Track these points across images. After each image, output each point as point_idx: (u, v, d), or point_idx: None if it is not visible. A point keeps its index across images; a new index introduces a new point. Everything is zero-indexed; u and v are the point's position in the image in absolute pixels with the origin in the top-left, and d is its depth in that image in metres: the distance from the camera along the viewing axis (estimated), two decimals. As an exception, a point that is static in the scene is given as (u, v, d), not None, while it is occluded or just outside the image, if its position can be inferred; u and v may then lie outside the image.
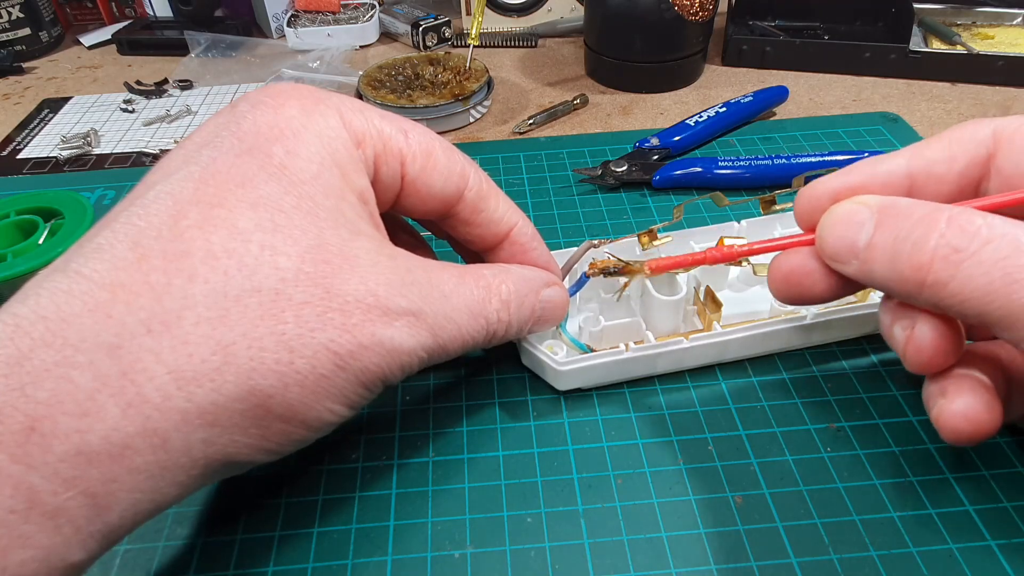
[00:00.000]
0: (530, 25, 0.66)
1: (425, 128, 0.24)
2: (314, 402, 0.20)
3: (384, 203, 0.24)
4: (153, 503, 0.18)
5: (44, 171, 0.48)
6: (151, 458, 0.17)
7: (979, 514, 0.25)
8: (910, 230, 0.20)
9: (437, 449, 0.28)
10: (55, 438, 0.16)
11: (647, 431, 0.28)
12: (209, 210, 0.19)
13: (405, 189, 0.24)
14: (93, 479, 0.17)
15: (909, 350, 0.22)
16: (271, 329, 0.19)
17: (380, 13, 0.67)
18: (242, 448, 0.19)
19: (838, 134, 0.47)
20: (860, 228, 0.21)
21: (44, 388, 0.16)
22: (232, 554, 0.25)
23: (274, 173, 0.20)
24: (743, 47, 0.58)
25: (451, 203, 0.25)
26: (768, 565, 0.23)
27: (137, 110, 0.56)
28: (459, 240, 0.27)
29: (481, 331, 0.24)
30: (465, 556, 0.24)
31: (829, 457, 0.27)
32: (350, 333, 0.20)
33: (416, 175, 0.24)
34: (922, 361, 0.22)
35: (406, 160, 0.23)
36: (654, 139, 0.46)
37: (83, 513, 0.17)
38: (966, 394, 0.22)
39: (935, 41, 0.57)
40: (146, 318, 0.17)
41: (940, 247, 0.19)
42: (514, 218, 0.27)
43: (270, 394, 0.19)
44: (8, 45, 0.63)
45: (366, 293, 0.20)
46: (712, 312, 0.30)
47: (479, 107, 0.53)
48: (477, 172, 0.25)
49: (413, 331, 0.21)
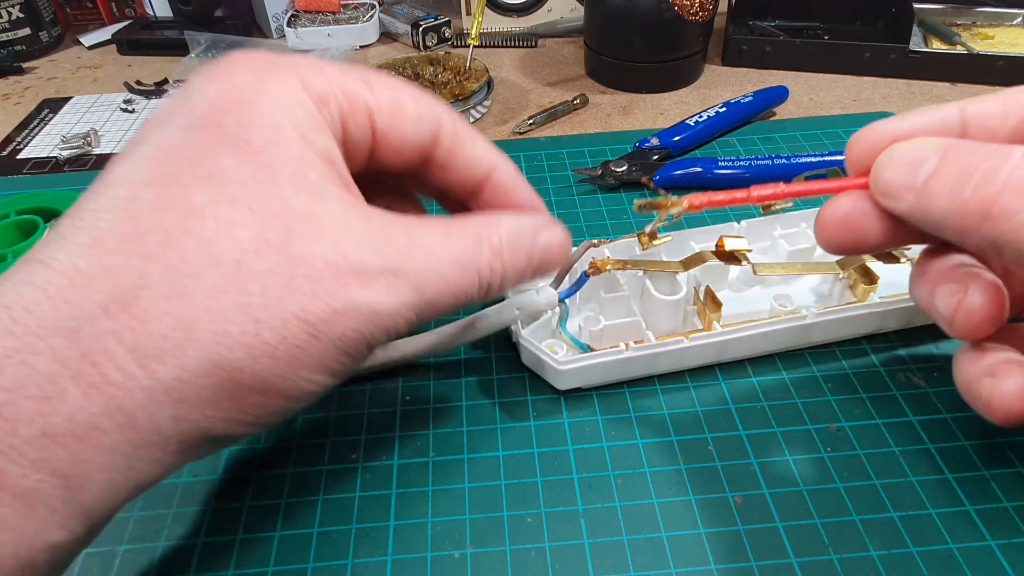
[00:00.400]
0: (530, 25, 0.66)
1: (390, 77, 0.23)
2: (289, 373, 0.19)
3: (358, 161, 0.23)
4: (131, 481, 0.18)
5: (44, 171, 0.48)
6: (120, 437, 0.17)
7: (979, 514, 0.25)
8: (980, 161, 0.20)
9: (437, 449, 0.28)
10: (19, 422, 0.16)
11: (647, 431, 0.28)
12: (163, 189, 0.19)
13: (377, 143, 0.23)
14: (62, 460, 0.17)
15: (959, 316, 0.22)
16: (235, 301, 0.18)
17: (380, 13, 0.67)
18: (217, 423, 0.19)
19: (838, 134, 0.47)
20: (922, 163, 0.21)
21: (5, 374, 0.16)
22: (232, 554, 0.25)
23: (227, 144, 0.20)
24: (743, 47, 0.58)
25: (427, 150, 0.24)
26: (768, 565, 0.23)
27: (137, 110, 0.56)
28: (441, 189, 0.26)
29: (473, 284, 0.23)
30: (465, 556, 0.24)
31: (829, 457, 0.27)
32: (321, 300, 0.19)
33: (387, 127, 0.23)
34: (971, 327, 0.22)
35: (374, 113, 0.22)
36: (654, 139, 0.46)
37: (56, 494, 0.17)
38: (1017, 373, 0.21)
39: (935, 41, 0.57)
40: (103, 300, 0.18)
41: (1014, 178, 0.19)
42: (493, 158, 0.25)
43: (239, 367, 0.18)
44: (8, 45, 0.63)
45: (335, 256, 0.20)
46: (712, 312, 0.30)
47: (479, 107, 0.53)
48: (450, 114, 0.24)
49: (393, 291, 0.20)
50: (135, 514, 0.26)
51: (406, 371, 0.31)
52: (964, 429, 0.28)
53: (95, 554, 0.25)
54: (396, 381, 0.31)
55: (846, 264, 0.30)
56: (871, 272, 0.30)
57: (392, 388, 0.30)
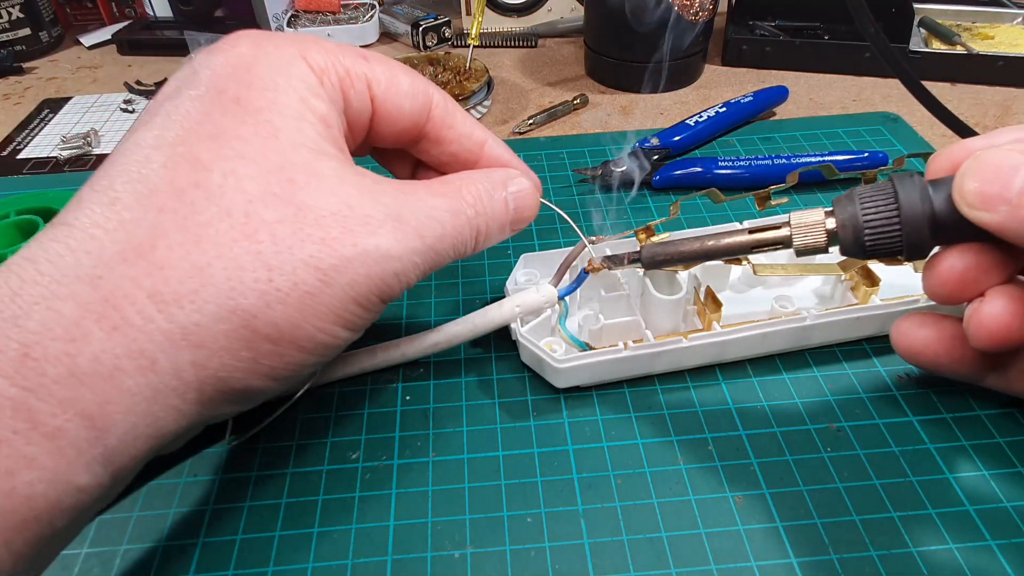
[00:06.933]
0: (530, 25, 0.66)
1: (382, 54, 0.25)
2: (302, 320, 0.20)
3: (359, 130, 0.25)
4: (152, 428, 0.19)
5: (44, 171, 0.48)
6: (141, 380, 0.18)
7: (979, 514, 0.25)
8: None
9: (437, 449, 0.28)
10: (47, 362, 0.17)
11: (647, 431, 0.28)
12: (172, 150, 0.20)
13: (376, 112, 0.24)
14: (88, 401, 0.17)
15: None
16: (246, 249, 0.19)
17: (380, 13, 0.67)
18: (235, 372, 0.20)
19: (838, 134, 0.47)
20: (1016, 170, 0.20)
21: (33, 319, 0.17)
22: (232, 554, 0.24)
23: (229, 106, 0.21)
24: (743, 47, 0.58)
25: (420, 122, 0.25)
26: (768, 565, 0.23)
27: (137, 110, 0.56)
28: (435, 166, 0.28)
29: (465, 229, 0.24)
30: (465, 556, 0.24)
31: (829, 457, 0.27)
32: (330, 247, 0.20)
33: (384, 95, 0.24)
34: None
35: (371, 82, 0.24)
36: (654, 139, 0.46)
37: (82, 435, 0.17)
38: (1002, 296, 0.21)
39: (935, 41, 0.57)
40: (121, 250, 0.19)
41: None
42: (482, 134, 0.27)
43: (253, 313, 0.19)
44: (8, 45, 0.63)
45: (340, 205, 0.21)
46: (712, 312, 0.30)
47: (479, 107, 0.53)
48: (440, 92, 0.26)
49: (399, 236, 0.22)
50: (135, 514, 0.26)
51: (406, 371, 0.31)
52: (964, 429, 0.28)
53: (95, 554, 0.25)
54: (396, 381, 0.31)
55: (847, 266, 0.30)
56: (873, 274, 0.30)
57: (392, 388, 0.30)
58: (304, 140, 0.21)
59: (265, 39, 0.23)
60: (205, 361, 0.19)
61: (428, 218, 0.23)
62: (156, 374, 0.18)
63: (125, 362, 0.18)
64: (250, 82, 0.21)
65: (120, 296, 0.18)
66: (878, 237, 0.22)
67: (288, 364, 0.21)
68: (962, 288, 0.22)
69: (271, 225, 0.20)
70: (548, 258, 0.33)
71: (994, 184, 0.20)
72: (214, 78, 0.21)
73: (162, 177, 0.20)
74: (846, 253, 0.23)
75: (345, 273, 0.20)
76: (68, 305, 0.18)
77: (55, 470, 0.17)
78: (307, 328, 0.20)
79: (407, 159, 0.29)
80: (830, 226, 0.23)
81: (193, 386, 0.19)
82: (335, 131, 0.23)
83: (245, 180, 0.20)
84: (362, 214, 0.21)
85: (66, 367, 0.17)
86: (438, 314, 0.34)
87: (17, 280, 0.18)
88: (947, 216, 0.21)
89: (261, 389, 0.21)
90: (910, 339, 0.25)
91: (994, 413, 0.28)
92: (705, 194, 0.29)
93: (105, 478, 0.18)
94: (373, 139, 0.26)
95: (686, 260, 0.27)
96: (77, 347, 0.18)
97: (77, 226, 0.19)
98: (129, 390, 0.18)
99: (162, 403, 0.19)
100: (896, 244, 0.22)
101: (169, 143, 0.20)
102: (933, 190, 0.22)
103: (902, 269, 0.29)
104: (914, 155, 0.33)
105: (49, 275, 0.18)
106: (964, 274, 0.22)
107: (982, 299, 0.22)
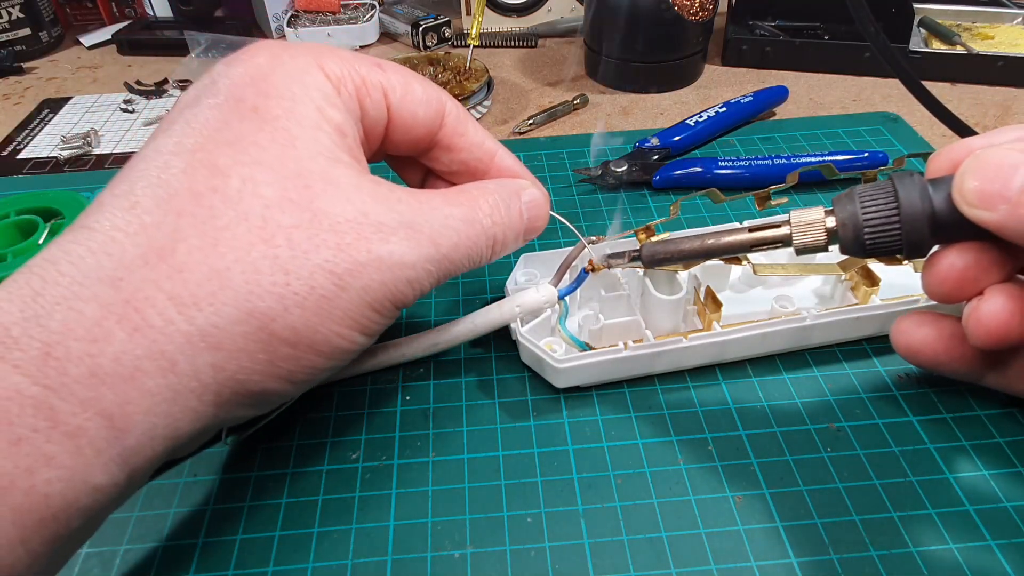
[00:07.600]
0: (530, 25, 0.66)
1: (395, 63, 0.25)
2: (318, 324, 0.20)
3: (375, 138, 0.25)
4: (169, 429, 0.19)
5: (44, 171, 0.48)
6: (161, 381, 0.18)
7: (979, 514, 0.25)
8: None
9: (437, 449, 0.28)
10: (69, 362, 0.17)
11: (647, 431, 0.28)
12: (191, 156, 0.20)
13: (392, 120, 0.25)
14: (108, 400, 0.18)
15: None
16: (264, 253, 0.20)
17: (380, 13, 0.67)
18: (252, 374, 0.20)
19: (838, 134, 0.47)
20: (1016, 169, 0.20)
21: (55, 319, 0.18)
22: (232, 554, 0.24)
23: (247, 115, 0.21)
24: (743, 47, 0.58)
25: (434, 130, 0.26)
26: (768, 565, 0.23)
27: (137, 110, 0.56)
28: (447, 174, 0.28)
29: (481, 236, 0.25)
30: (465, 556, 0.24)
31: (829, 457, 0.27)
32: (345, 252, 0.21)
33: (399, 103, 0.25)
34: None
35: (387, 90, 0.24)
36: (654, 139, 0.46)
37: (102, 435, 0.18)
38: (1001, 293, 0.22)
39: (935, 41, 0.57)
40: (142, 253, 0.19)
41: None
42: (493, 145, 0.28)
43: (271, 316, 0.20)
44: (8, 45, 0.63)
45: (355, 212, 0.21)
46: (712, 312, 0.30)
47: (479, 107, 0.53)
48: (452, 99, 0.26)
49: (412, 243, 0.22)
50: (135, 514, 0.26)
51: (406, 371, 0.31)
52: (964, 429, 0.28)
53: (95, 554, 0.25)
54: (396, 381, 0.31)
55: (847, 266, 0.30)
56: (873, 274, 0.30)
57: (392, 388, 0.30)
58: (320, 148, 0.22)
59: (283, 50, 0.23)
60: (223, 363, 0.19)
61: (443, 227, 0.23)
62: (176, 375, 0.19)
63: (146, 363, 0.18)
64: (268, 91, 0.22)
65: (141, 298, 0.18)
66: (878, 236, 0.22)
67: (304, 367, 0.21)
68: (961, 286, 0.22)
69: (287, 230, 0.20)
70: (548, 258, 0.33)
71: (994, 183, 0.20)
72: (233, 87, 0.22)
73: (181, 182, 0.20)
74: (846, 252, 0.23)
75: (360, 278, 0.21)
76: (90, 306, 0.18)
77: (73, 469, 0.17)
78: (324, 332, 0.21)
79: (418, 167, 0.29)
80: (830, 225, 0.23)
81: (211, 388, 0.19)
82: (350, 140, 0.23)
83: (262, 186, 0.20)
84: (376, 221, 0.21)
85: (88, 367, 0.17)
86: (438, 314, 0.34)
87: (39, 281, 0.18)
88: (947, 215, 0.21)
89: (277, 392, 0.21)
90: (910, 338, 0.25)
91: (994, 413, 0.28)
92: (705, 194, 0.29)
93: (121, 478, 0.18)
94: (388, 146, 0.26)
95: (686, 258, 0.27)
96: (99, 347, 0.18)
97: (98, 229, 0.19)
98: (149, 391, 0.18)
99: (181, 404, 0.19)
100: (896, 243, 0.22)
101: (188, 149, 0.20)
102: (933, 189, 0.22)
103: (902, 269, 0.29)
104: (914, 155, 0.33)
105: (71, 276, 0.18)
106: (963, 272, 0.22)
107: (981, 297, 0.22)
